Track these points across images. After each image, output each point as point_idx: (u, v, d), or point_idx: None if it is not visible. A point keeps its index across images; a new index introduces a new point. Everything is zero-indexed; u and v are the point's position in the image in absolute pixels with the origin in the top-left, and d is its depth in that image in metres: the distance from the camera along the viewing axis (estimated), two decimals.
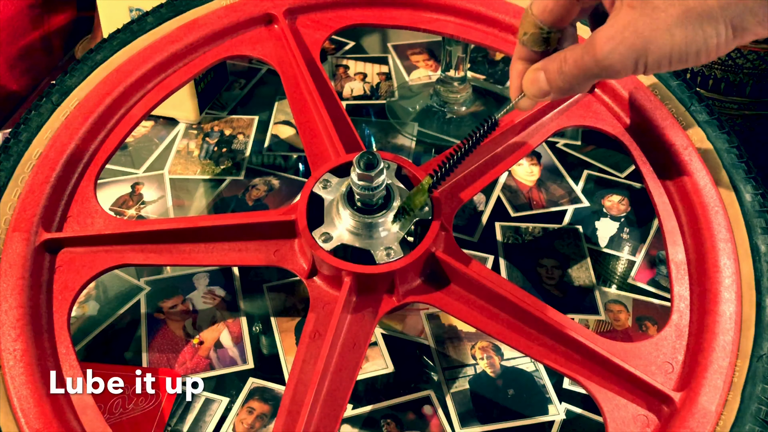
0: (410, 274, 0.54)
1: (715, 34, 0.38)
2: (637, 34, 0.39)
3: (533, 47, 0.46)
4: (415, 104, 0.95)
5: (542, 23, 0.45)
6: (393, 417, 0.63)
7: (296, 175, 0.86)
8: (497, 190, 0.83)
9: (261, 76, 1.01)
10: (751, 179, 0.57)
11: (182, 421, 0.62)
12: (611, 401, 0.50)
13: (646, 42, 0.39)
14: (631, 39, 0.39)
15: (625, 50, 0.39)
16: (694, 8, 0.37)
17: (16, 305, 0.52)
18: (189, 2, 0.70)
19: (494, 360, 0.67)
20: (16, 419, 0.48)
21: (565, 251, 0.76)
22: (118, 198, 0.83)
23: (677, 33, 0.38)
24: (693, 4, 0.37)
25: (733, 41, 0.38)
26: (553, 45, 0.46)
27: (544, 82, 0.45)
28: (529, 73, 0.46)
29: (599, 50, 0.40)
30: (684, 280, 0.56)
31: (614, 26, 0.40)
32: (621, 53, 0.39)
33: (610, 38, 0.40)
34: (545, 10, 0.44)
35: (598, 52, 0.40)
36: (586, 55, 0.41)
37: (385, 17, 0.73)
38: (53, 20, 1.05)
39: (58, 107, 0.62)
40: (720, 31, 0.37)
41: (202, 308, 0.71)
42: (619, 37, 0.39)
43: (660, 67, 0.40)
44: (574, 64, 0.43)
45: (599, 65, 0.41)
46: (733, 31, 0.38)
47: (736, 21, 0.37)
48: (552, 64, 0.44)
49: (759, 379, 0.49)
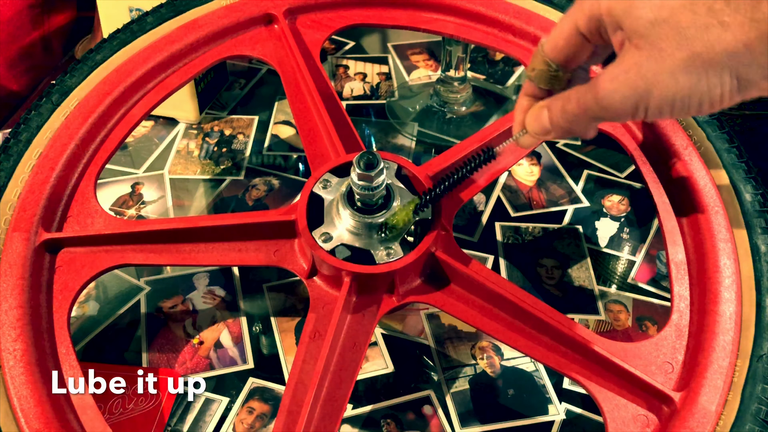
0: (410, 274, 0.54)
1: (720, 83, 0.36)
2: (641, 76, 0.38)
3: (540, 84, 0.45)
4: (415, 104, 0.95)
5: (551, 61, 0.43)
6: (393, 417, 0.63)
7: (296, 175, 0.86)
8: (497, 190, 0.83)
9: (261, 76, 1.01)
10: (751, 179, 0.57)
11: (182, 421, 0.62)
12: (611, 401, 0.50)
13: (649, 85, 0.37)
14: (634, 80, 0.38)
15: (627, 91, 0.38)
16: (700, 54, 0.36)
17: (16, 305, 0.52)
18: (189, 2, 0.70)
19: (494, 360, 0.67)
20: (16, 419, 0.48)
21: (565, 251, 0.76)
22: (118, 198, 0.83)
23: (681, 78, 0.37)
24: (700, 50, 0.36)
25: (738, 94, 0.37)
26: (561, 85, 0.45)
27: (546, 120, 0.44)
28: (533, 110, 0.45)
29: (601, 89, 0.39)
30: (684, 280, 0.56)
31: (619, 66, 0.39)
32: (622, 94, 0.38)
33: (614, 78, 0.39)
34: (555, 47, 0.43)
35: (599, 91, 0.39)
36: (588, 94, 0.40)
37: (385, 17, 0.73)
38: (53, 20, 1.05)
39: (58, 107, 0.62)
40: (725, 80, 0.36)
41: (202, 308, 0.71)
42: (622, 77, 0.38)
43: (661, 112, 0.38)
44: (576, 102, 0.41)
45: (599, 104, 0.40)
46: (738, 82, 0.36)
47: (742, 72, 0.36)
48: (556, 102, 0.43)
49: (759, 379, 0.49)
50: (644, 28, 0.37)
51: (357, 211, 0.54)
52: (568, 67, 0.44)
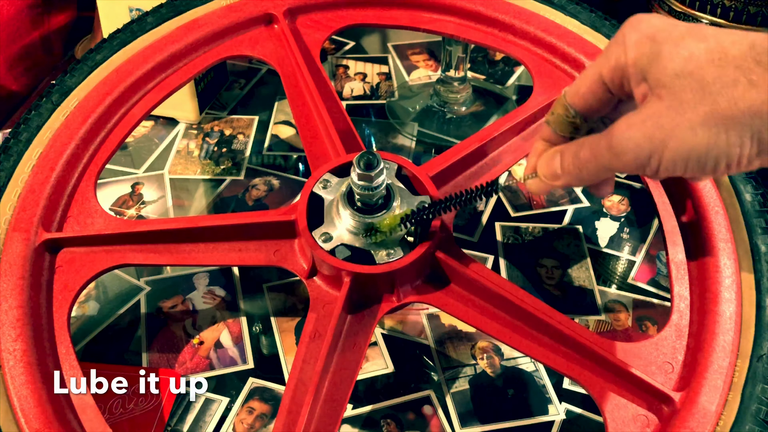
0: (410, 274, 0.54)
1: (739, 143, 0.35)
2: (658, 126, 0.36)
3: (557, 129, 0.44)
4: (415, 104, 0.95)
5: (571, 106, 0.43)
6: (393, 417, 0.63)
7: (296, 175, 0.86)
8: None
9: (261, 76, 1.01)
10: (751, 179, 0.57)
11: (182, 421, 0.62)
12: (611, 401, 0.50)
13: (666, 136, 0.36)
14: (651, 129, 0.36)
15: (641, 139, 0.37)
16: (722, 110, 0.35)
17: (16, 305, 0.52)
18: (189, 2, 0.70)
19: (494, 360, 0.67)
20: (16, 419, 0.48)
21: (565, 251, 0.76)
22: (118, 198, 0.83)
23: (701, 133, 0.35)
24: (723, 106, 0.35)
25: (756, 159, 0.36)
26: (580, 135, 0.43)
27: (558, 165, 0.43)
28: (546, 154, 0.44)
29: (615, 135, 0.38)
30: (684, 280, 0.56)
31: (638, 115, 0.37)
32: (637, 142, 0.37)
33: (630, 125, 0.37)
34: (576, 93, 0.42)
35: (613, 137, 0.38)
36: (603, 140, 0.39)
37: (385, 17, 0.73)
38: (53, 20, 1.05)
39: (58, 107, 0.62)
40: (745, 141, 0.35)
41: (202, 308, 0.71)
42: (639, 125, 0.37)
43: (675, 167, 0.37)
44: (590, 148, 0.40)
45: (612, 151, 0.38)
46: (758, 145, 0.35)
47: (764, 134, 0.35)
48: (570, 147, 0.42)
49: (759, 379, 0.49)
50: (668, 79, 0.36)
51: (357, 211, 0.54)
52: (589, 116, 0.43)
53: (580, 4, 0.70)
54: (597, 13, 0.69)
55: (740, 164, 0.36)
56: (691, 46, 0.36)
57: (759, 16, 0.82)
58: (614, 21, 0.68)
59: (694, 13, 0.86)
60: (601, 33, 0.67)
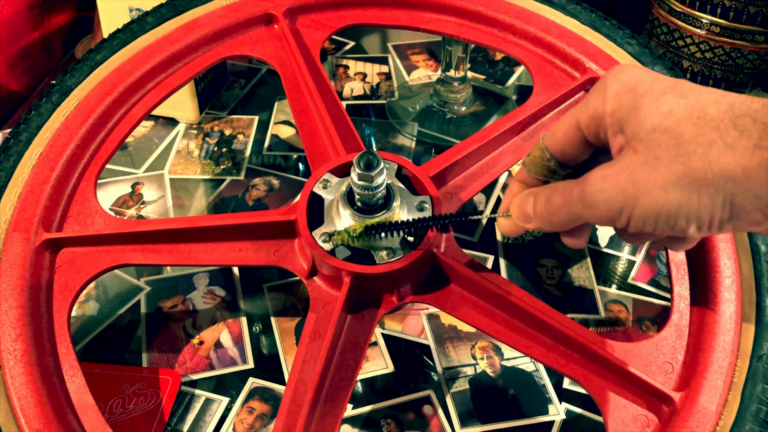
0: (410, 274, 0.54)
1: (711, 206, 0.34)
2: (632, 181, 0.36)
3: (532, 170, 0.44)
4: (415, 104, 0.95)
5: (547, 150, 0.42)
6: (393, 417, 0.63)
7: (296, 175, 0.86)
8: (497, 190, 0.83)
9: (261, 76, 1.01)
10: None
11: (182, 421, 0.62)
12: (611, 401, 0.50)
13: (638, 192, 0.36)
14: (624, 183, 0.36)
15: (613, 192, 0.37)
16: (696, 171, 0.34)
17: (16, 305, 0.52)
18: (189, 2, 0.70)
19: (494, 360, 0.67)
20: (16, 419, 0.48)
21: (565, 251, 0.76)
22: (118, 198, 0.83)
23: (672, 192, 0.35)
24: (696, 167, 0.34)
25: (728, 223, 0.35)
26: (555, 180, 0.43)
27: (531, 208, 0.43)
28: (520, 195, 0.45)
29: (588, 185, 0.38)
30: (684, 280, 0.56)
31: (612, 167, 0.37)
32: (608, 194, 0.37)
33: (604, 177, 0.37)
34: (553, 137, 0.42)
35: (586, 187, 0.38)
36: (576, 188, 0.39)
37: (385, 17, 0.73)
38: (53, 20, 1.05)
39: (58, 107, 0.62)
40: (716, 203, 0.34)
41: (202, 308, 0.71)
42: (612, 177, 0.37)
43: (645, 223, 0.36)
44: (562, 195, 0.40)
45: (583, 201, 0.38)
46: (730, 210, 0.34)
47: (736, 199, 0.34)
48: (544, 190, 0.42)
49: (759, 379, 0.49)
50: (645, 133, 0.36)
51: (357, 211, 0.54)
52: (564, 162, 0.43)
53: (580, 4, 0.70)
54: (597, 13, 0.69)
55: (711, 227, 0.36)
56: (671, 102, 0.36)
57: (759, 16, 0.82)
58: (614, 21, 0.68)
59: (694, 13, 0.86)
60: (601, 33, 0.68)
